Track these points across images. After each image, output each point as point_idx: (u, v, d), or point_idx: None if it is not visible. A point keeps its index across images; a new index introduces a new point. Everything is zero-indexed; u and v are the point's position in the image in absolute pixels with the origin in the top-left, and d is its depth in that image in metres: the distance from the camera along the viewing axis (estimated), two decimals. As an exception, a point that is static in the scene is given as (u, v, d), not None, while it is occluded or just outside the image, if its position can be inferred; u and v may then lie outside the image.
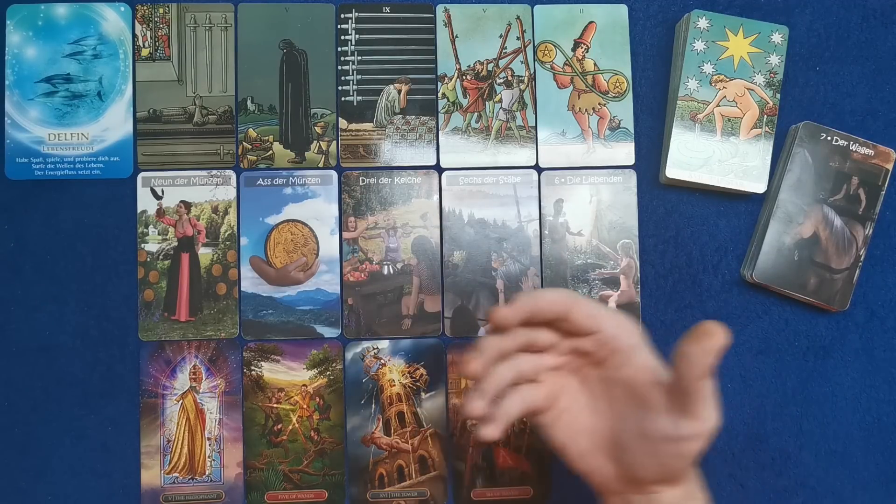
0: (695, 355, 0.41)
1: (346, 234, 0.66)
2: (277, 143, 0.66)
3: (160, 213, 0.66)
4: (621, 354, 0.46)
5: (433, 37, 0.67)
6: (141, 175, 0.66)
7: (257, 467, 0.65)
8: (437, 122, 0.67)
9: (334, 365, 0.65)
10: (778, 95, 0.65)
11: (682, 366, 0.41)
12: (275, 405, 0.65)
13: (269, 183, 0.66)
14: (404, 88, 0.67)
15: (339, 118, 0.67)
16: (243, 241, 0.66)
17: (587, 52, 0.67)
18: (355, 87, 0.67)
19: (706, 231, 0.67)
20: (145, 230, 0.65)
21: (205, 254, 0.66)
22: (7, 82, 0.65)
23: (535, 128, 0.67)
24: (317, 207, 0.66)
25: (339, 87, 0.67)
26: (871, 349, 0.67)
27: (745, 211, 0.67)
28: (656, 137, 0.67)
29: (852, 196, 0.65)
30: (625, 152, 0.67)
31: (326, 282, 0.66)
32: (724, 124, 0.65)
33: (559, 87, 0.67)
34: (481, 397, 0.44)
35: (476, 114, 0.67)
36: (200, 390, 0.65)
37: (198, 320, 0.65)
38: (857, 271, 0.65)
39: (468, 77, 0.67)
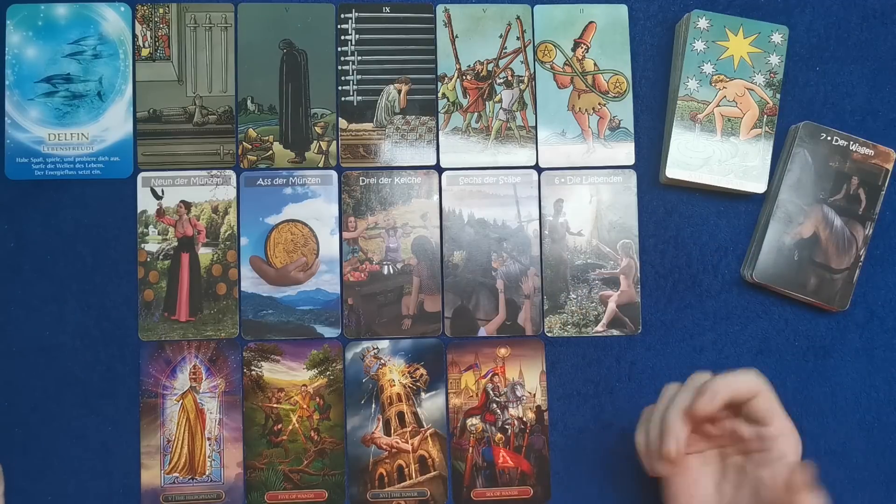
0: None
1: (346, 234, 0.66)
2: (277, 143, 0.66)
3: (160, 213, 0.66)
4: (770, 456, 0.48)
5: (433, 37, 0.67)
6: (141, 175, 0.66)
7: (257, 467, 0.65)
8: (437, 122, 0.67)
9: (334, 365, 0.65)
10: (778, 95, 0.65)
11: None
12: (275, 405, 0.65)
13: (269, 183, 0.66)
14: (404, 88, 0.67)
15: (339, 118, 0.67)
16: (243, 241, 0.66)
17: (587, 52, 0.67)
18: (355, 87, 0.67)
19: (706, 231, 0.67)
20: (145, 230, 0.65)
21: (205, 254, 0.66)
22: (7, 82, 0.65)
23: (535, 128, 0.67)
24: (317, 207, 0.66)
25: (339, 87, 0.67)
26: (871, 349, 0.67)
27: (745, 211, 0.67)
28: (656, 137, 0.67)
29: (852, 196, 0.65)
30: (625, 152, 0.67)
31: (326, 282, 0.66)
32: (724, 124, 0.65)
33: (559, 87, 0.67)
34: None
35: (476, 114, 0.67)
36: (200, 390, 0.65)
37: (198, 320, 0.65)
38: (857, 271, 0.65)
39: (468, 77, 0.67)
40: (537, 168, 0.67)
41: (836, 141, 0.65)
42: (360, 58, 0.67)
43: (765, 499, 0.47)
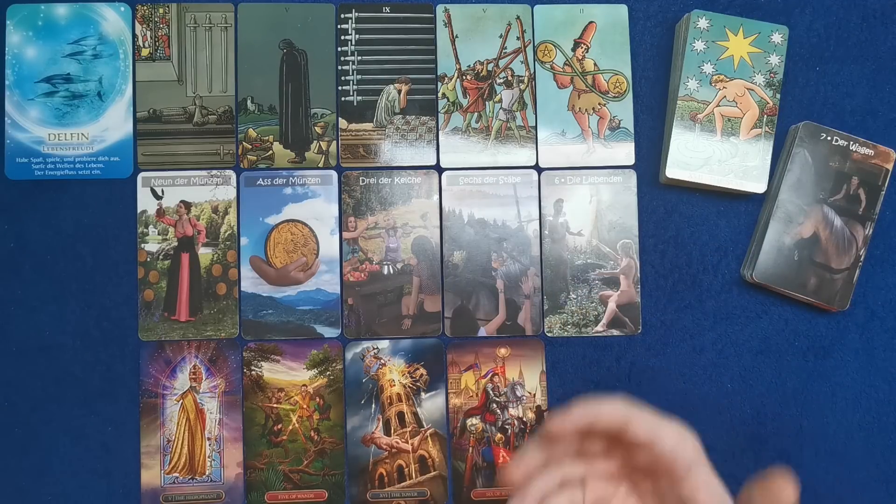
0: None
1: (346, 234, 0.66)
2: (277, 143, 0.66)
3: (160, 213, 0.66)
4: (677, 471, 0.44)
5: (433, 37, 0.67)
6: (141, 175, 0.66)
7: (257, 467, 0.65)
8: (437, 122, 0.67)
9: (334, 365, 0.65)
10: (778, 95, 0.65)
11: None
12: (275, 405, 0.65)
13: (269, 183, 0.66)
14: (404, 88, 0.67)
15: (339, 118, 0.67)
16: (243, 241, 0.66)
17: (587, 52, 0.67)
18: (355, 87, 0.67)
19: (706, 231, 0.67)
20: (145, 230, 0.65)
21: (205, 254, 0.66)
22: (7, 82, 0.65)
23: (535, 128, 0.67)
24: (317, 207, 0.66)
25: (339, 87, 0.67)
26: (871, 349, 0.67)
27: (745, 211, 0.67)
28: (656, 137, 0.67)
29: (852, 196, 0.65)
30: (625, 152, 0.67)
31: (326, 282, 0.66)
32: (724, 124, 0.65)
33: (559, 87, 0.67)
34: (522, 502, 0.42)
35: (476, 114, 0.67)
36: (200, 390, 0.65)
37: (198, 320, 0.65)
38: (857, 271, 0.65)
39: (468, 77, 0.67)
40: (537, 168, 0.67)
41: (836, 141, 0.65)
42: (360, 58, 0.67)
43: None
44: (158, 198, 0.66)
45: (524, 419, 0.65)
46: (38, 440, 0.64)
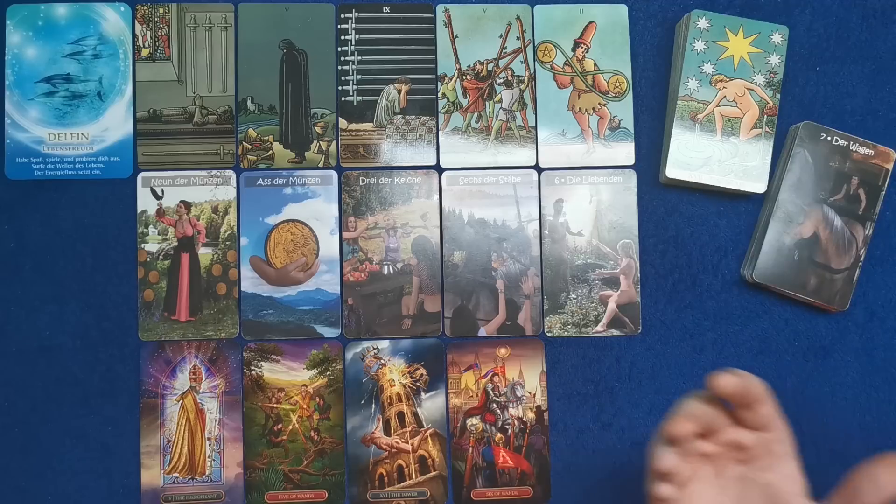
0: (886, 483, 0.43)
1: (346, 234, 0.66)
2: (277, 143, 0.66)
3: (160, 213, 0.66)
4: (772, 459, 0.47)
5: (433, 37, 0.67)
6: (141, 175, 0.66)
7: (257, 467, 0.65)
8: (437, 122, 0.67)
9: (334, 365, 0.65)
10: (778, 95, 0.65)
11: (867, 487, 0.44)
12: (275, 405, 0.65)
13: (269, 183, 0.66)
14: (404, 88, 0.67)
15: (339, 118, 0.67)
16: (243, 241, 0.66)
17: (587, 52, 0.67)
18: (355, 87, 0.67)
19: (706, 231, 0.67)
20: (145, 230, 0.65)
21: (205, 254, 0.66)
22: (7, 82, 0.65)
23: (535, 128, 0.67)
24: (317, 207, 0.66)
25: (339, 87, 0.67)
26: (871, 349, 0.67)
27: (745, 211, 0.67)
28: (656, 137, 0.67)
29: (852, 196, 0.65)
30: (625, 152, 0.67)
31: (326, 282, 0.66)
32: (724, 124, 0.65)
33: (559, 87, 0.67)
34: (675, 457, 0.44)
35: (476, 114, 0.67)
36: (200, 390, 0.65)
37: (198, 320, 0.65)
38: (857, 271, 0.65)
39: (468, 77, 0.67)
40: (537, 168, 0.67)
41: (836, 141, 0.65)
42: (360, 58, 0.67)
43: (781, 502, 0.47)
44: (158, 198, 0.66)
45: (524, 419, 0.65)
46: (38, 440, 0.64)
